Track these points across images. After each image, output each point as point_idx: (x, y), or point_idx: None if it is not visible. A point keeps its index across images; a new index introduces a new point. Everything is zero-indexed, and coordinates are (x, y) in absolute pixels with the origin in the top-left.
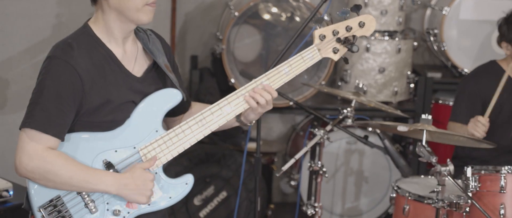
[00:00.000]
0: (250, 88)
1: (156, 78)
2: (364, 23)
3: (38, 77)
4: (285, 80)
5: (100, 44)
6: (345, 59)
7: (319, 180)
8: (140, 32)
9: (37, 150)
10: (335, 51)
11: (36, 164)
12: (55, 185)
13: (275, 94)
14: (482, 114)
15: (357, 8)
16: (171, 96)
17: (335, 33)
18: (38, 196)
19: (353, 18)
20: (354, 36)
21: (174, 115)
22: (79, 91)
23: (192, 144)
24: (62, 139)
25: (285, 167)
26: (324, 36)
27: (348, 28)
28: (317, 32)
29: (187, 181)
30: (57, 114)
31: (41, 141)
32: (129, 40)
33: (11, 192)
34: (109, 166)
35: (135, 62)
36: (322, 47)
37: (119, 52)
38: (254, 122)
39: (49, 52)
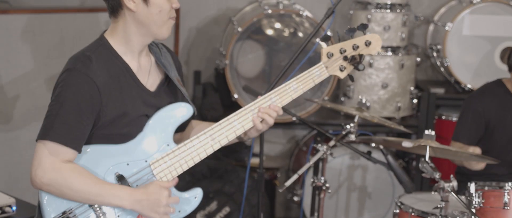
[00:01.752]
0: (260, 104)
1: (168, 92)
2: (370, 42)
3: (55, 89)
4: (294, 97)
5: (117, 56)
6: (351, 77)
7: (322, 195)
8: (153, 46)
9: (54, 162)
10: (342, 69)
11: (51, 177)
12: (70, 197)
13: (281, 112)
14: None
15: (363, 27)
16: (182, 111)
17: (342, 51)
18: (51, 207)
19: (359, 37)
20: (360, 55)
21: (181, 129)
22: (98, 104)
23: (202, 158)
24: (80, 151)
25: (288, 183)
26: (332, 54)
27: (355, 47)
28: (325, 50)
29: (196, 195)
30: (77, 126)
31: (60, 153)
32: (144, 53)
33: (14, 208)
34: (120, 178)
35: (149, 76)
36: (330, 64)
37: (135, 65)
38: (253, 137)
39: (66, 64)
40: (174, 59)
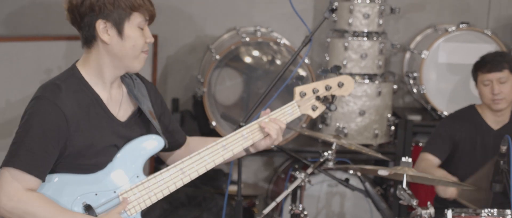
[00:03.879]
0: (231, 139)
1: (140, 124)
2: (343, 83)
3: (23, 117)
4: (264, 135)
5: (87, 87)
6: (322, 119)
7: None
8: (126, 77)
9: (17, 190)
10: (314, 108)
11: (14, 205)
12: None
13: (283, 126)
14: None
15: (336, 69)
16: (153, 143)
17: (315, 91)
18: None
19: (332, 78)
20: (333, 96)
21: (170, 150)
22: (64, 133)
23: (172, 191)
24: (44, 180)
25: (266, 210)
26: (305, 94)
27: (328, 87)
28: (298, 89)
29: None
30: (42, 154)
31: (22, 181)
32: (115, 84)
33: None
34: (88, 208)
35: (120, 107)
36: (302, 103)
37: (105, 96)
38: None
39: (36, 92)
40: (149, 90)
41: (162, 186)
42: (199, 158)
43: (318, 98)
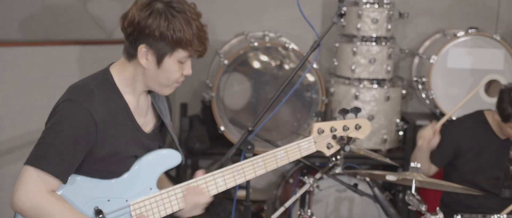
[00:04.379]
0: (246, 164)
1: (159, 137)
2: (360, 126)
3: (51, 116)
4: (279, 165)
5: (119, 95)
6: (334, 155)
7: None
8: None
9: (39, 191)
10: (329, 146)
11: (33, 204)
12: None
13: (204, 200)
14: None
15: (356, 111)
16: (171, 158)
17: (332, 130)
18: None
19: (351, 119)
20: (349, 137)
21: None
22: (93, 139)
23: (181, 208)
24: (65, 183)
25: (275, 215)
26: (322, 131)
27: (345, 128)
28: (317, 125)
29: None
30: (69, 159)
31: (47, 183)
32: (143, 93)
33: None
34: (98, 213)
35: (145, 118)
36: (319, 140)
37: (133, 105)
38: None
39: (68, 93)
40: (168, 103)
41: (173, 201)
42: (212, 178)
43: (334, 137)
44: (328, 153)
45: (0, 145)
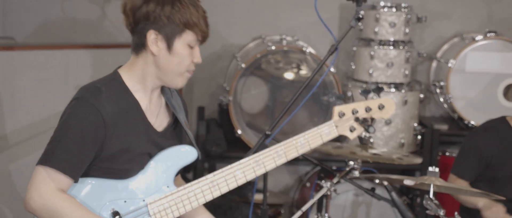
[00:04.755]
0: (265, 154)
1: (174, 135)
2: (383, 106)
3: (62, 116)
4: (300, 153)
5: (128, 92)
6: (360, 139)
7: None
8: (165, 87)
9: (50, 189)
10: (351, 129)
11: (45, 202)
12: None
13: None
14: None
15: (378, 90)
16: (186, 154)
17: (354, 112)
18: None
19: (373, 100)
20: (372, 118)
21: None
22: (102, 135)
23: (201, 203)
24: (77, 181)
25: None
26: (344, 114)
27: (368, 109)
28: (337, 109)
29: None
30: (78, 156)
31: (56, 180)
32: (156, 93)
33: None
34: (115, 215)
35: (157, 117)
36: (340, 124)
37: (145, 103)
38: None
39: (76, 93)
40: (183, 102)
41: (191, 198)
42: (231, 172)
43: (357, 119)
44: (351, 136)
45: (18, 147)
